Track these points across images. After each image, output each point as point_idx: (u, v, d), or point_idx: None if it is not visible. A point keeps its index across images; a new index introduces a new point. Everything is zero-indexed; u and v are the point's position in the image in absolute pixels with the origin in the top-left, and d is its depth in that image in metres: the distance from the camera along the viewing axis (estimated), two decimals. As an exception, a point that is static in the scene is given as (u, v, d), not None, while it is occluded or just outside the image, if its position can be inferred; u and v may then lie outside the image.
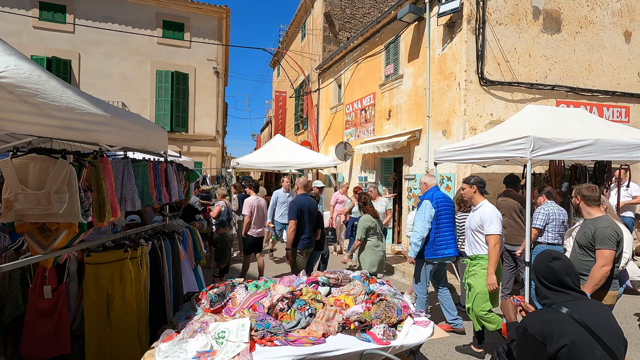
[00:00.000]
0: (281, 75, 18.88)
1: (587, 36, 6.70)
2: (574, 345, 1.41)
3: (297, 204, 4.38)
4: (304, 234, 4.35)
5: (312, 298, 2.53)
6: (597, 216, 2.86)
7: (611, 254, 2.67)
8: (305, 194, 4.64)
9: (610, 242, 2.68)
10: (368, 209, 4.37)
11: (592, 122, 4.94)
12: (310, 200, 4.54)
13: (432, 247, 3.72)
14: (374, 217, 4.38)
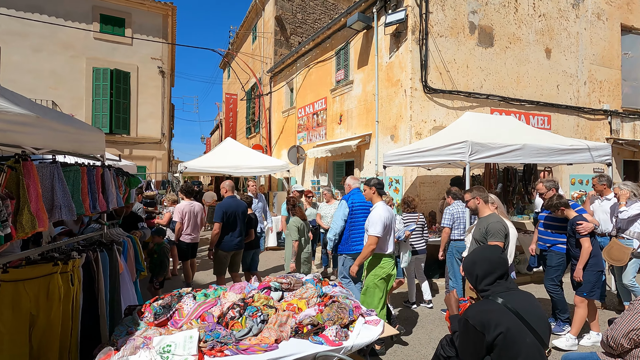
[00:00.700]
0: (232, 77, 18.46)
1: (515, 51, 7.40)
2: (508, 333, 1.53)
3: (223, 207, 4.46)
4: (231, 236, 4.45)
5: (265, 304, 2.48)
6: (488, 214, 3.29)
7: (500, 245, 3.07)
8: (233, 196, 4.71)
9: (499, 235, 3.12)
10: (297, 211, 4.53)
11: (520, 129, 5.46)
12: (238, 203, 4.62)
13: (348, 243, 4.00)
14: (302, 220, 4.55)
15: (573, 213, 3.67)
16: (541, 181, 4.39)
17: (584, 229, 3.49)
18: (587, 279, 3.49)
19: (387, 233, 3.36)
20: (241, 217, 4.54)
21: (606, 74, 8.52)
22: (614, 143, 8.22)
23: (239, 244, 4.54)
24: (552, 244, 3.93)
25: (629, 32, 8.91)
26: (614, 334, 1.96)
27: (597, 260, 3.53)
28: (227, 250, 4.46)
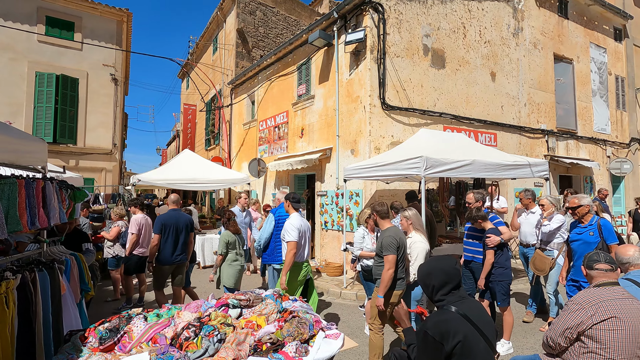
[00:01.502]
0: (191, 88, 18.00)
1: (464, 73, 7.96)
2: (465, 340, 1.59)
3: (161, 219, 4.52)
4: (171, 249, 4.48)
5: (222, 322, 2.39)
6: (386, 227, 3.40)
7: (393, 258, 3.15)
8: (176, 209, 4.75)
9: (391, 248, 3.16)
10: (230, 225, 4.61)
11: (470, 145, 5.83)
12: (180, 216, 4.65)
13: (274, 254, 4.26)
14: (234, 233, 4.59)
15: (489, 225, 3.91)
16: (472, 191, 4.63)
17: (491, 242, 3.75)
18: (497, 289, 3.78)
19: (302, 240, 3.75)
20: (182, 230, 4.56)
21: (543, 97, 9.41)
22: (550, 159, 9.03)
23: (180, 258, 4.55)
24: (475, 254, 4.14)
25: (560, 60, 9.95)
26: (552, 334, 2.12)
27: (505, 272, 3.78)
28: (165, 264, 4.47)
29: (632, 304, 1.98)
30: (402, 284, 3.28)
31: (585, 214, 3.74)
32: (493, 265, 3.78)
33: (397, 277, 3.21)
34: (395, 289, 3.24)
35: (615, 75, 11.37)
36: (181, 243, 4.55)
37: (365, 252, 4.27)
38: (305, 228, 3.84)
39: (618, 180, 11.27)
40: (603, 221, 3.67)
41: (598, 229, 3.63)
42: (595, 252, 2.30)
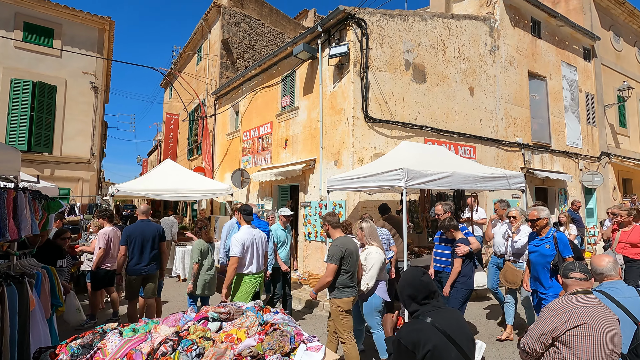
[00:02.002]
0: (174, 97, 17.82)
1: (444, 88, 8.20)
2: (435, 349, 1.63)
3: (128, 231, 4.58)
4: (138, 260, 4.53)
5: (201, 336, 2.34)
6: (337, 237, 3.53)
7: (333, 267, 3.30)
8: (146, 220, 4.79)
9: (334, 258, 3.30)
10: (202, 234, 4.70)
11: (450, 158, 5.98)
12: (147, 226, 4.68)
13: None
14: (207, 242, 4.69)
15: (460, 235, 4.03)
16: (440, 203, 4.70)
17: (461, 251, 3.88)
18: (455, 295, 3.88)
19: (248, 253, 3.85)
20: (151, 241, 4.59)
21: (519, 112, 9.78)
22: (527, 172, 9.33)
23: (147, 269, 4.59)
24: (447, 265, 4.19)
25: (534, 77, 10.40)
26: (528, 340, 2.17)
27: (467, 280, 3.91)
28: (134, 274, 4.52)
29: (603, 311, 2.06)
30: (350, 291, 3.38)
31: (543, 226, 3.76)
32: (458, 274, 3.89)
33: (344, 285, 3.35)
34: (340, 296, 3.37)
35: (586, 92, 11.96)
36: (148, 253, 4.57)
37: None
38: (257, 241, 3.94)
39: (590, 192, 11.74)
40: (559, 234, 3.71)
41: (554, 242, 3.64)
42: (571, 261, 2.37)
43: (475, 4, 10.09)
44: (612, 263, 2.47)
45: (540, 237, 3.78)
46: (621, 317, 2.25)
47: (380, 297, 3.58)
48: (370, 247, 3.66)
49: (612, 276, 2.45)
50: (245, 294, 3.85)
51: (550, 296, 3.57)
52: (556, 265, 3.55)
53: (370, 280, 3.50)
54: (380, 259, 3.56)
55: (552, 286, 3.63)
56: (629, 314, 2.27)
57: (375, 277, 3.52)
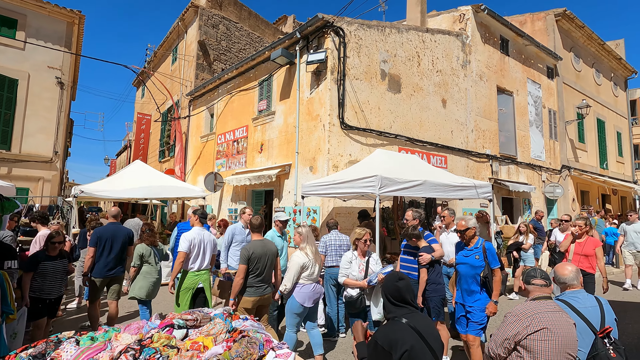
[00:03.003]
0: (146, 97, 17.29)
1: (418, 99, 8.44)
2: (412, 350, 1.65)
3: (98, 233, 4.59)
4: (105, 262, 4.52)
5: (165, 344, 2.24)
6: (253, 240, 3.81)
7: (242, 268, 3.54)
8: (115, 222, 4.83)
9: (242, 259, 3.57)
10: (145, 237, 4.67)
11: (422, 166, 6.13)
12: (117, 229, 4.71)
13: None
14: (150, 245, 4.67)
15: (423, 243, 4.03)
16: (411, 209, 4.68)
17: (423, 260, 3.86)
18: (430, 304, 3.87)
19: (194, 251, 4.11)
20: (120, 244, 4.63)
21: (487, 125, 10.20)
22: (494, 182, 9.72)
23: (114, 271, 4.60)
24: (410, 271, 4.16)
25: (502, 92, 10.91)
26: (492, 345, 2.23)
27: (437, 287, 3.89)
28: (99, 277, 4.50)
29: (562, 316, 2.15)
30: (253, 292, 3.59)
31: (472, 236, 3.67)
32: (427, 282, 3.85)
33: (249, 285, 3.59)
34: (246, 295, 3.58)
35: (549, 108, 12.66)
36: (117, 256, 4.60)
37: (350, 280, 3.72)
38: (204, 241, 4.22)
39: (552, 203, 12.38)
40: (487, 244, 3.60)
41: (483, 252, 3.55)
42: (532, 268, 2.46)
43: (448, 20, 10.49)
44: (574, 272, 2.54)
45: (469, 247, 3.68)
46: (581, 327, 2.32)
47: (297, 301, 3.62)
48: (297, 251, 3.75)
49: (574, 285, 2.53)
50: (185, 290, 4.08)
51: (477, 309, 3.49)
52: (486, 277, 3.49)
53: (287, 282, 3.62)
54: (299, 262, 3.62)
55: (480, 299, 3.52)
56: (589, 323, 2.34)
57: (292, 279, 3.61)
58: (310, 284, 3.70)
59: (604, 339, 2.29)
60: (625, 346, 2.78)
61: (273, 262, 3.79)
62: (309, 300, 3.66)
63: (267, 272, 3.70)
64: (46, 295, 3.89)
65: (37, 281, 3.85)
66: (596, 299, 2.51)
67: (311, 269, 3.68)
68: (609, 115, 16.25)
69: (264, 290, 3.68)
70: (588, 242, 4.89)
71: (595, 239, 4.99)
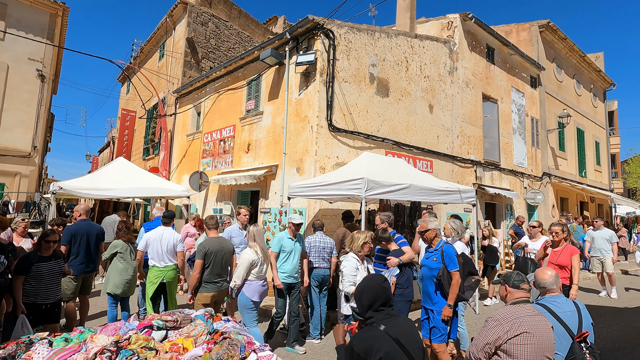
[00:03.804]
0: (132, 93, 16.95)
1: (406, 103, 8.52)
2: (387, 356, 1.64)
3: (71, 230, 4.65)
4: (79, 259, 4.58)
5: (143, 346, 2.18)
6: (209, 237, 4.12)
7: (199, 263, 3.82)
8: (87, 219, 4.94)
9: (198, 254, 3.84)
10: (121, 234, 4.78)
11: (408, 170, 6.18)
12: (90, 226, 4.82)
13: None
14: (127, 242, 4.74)
15: (394, 246, 4.06)
16: (378, 214, 4.70)
17: (390, 264, 3.88)
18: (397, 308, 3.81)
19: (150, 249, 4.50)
20: (94, 240, 4.74)
21: (472, 131, 10.38)
22: (478, 188, 9.89)
23: (91, 267, 4.73)
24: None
25: (487, 100, 11.13)
26: (473, 350, 2.26)
27: (404, 292, 3.89)
28: (76, 274, 4.53)
29: (540, 320, 2.19)
30: (210, 288, 3.82)
31: (432, 238, 3.65)
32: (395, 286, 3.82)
33: (205, 281, 3.81)
34: (205, 291, 3.80)
35: (531, 116, 12.99)
36: (92, 253, 4.71)
37: None
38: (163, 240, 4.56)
39: (533, 209, 12.68)
40: (446, 247, 3.54)
41: (441, 254, 3.50)
42: (515, 272, 2.46)
43: (437, 27, 10.65)
44: (554, 277, 2.58)
45: (431, 249, 3.66)
46: (559, 331, 2.36)
47: (246, 296, 3.80)
48: (247, 249, 3.94)
49: (553, 290, 2.58)
50: (150, 283, 4.53)
51: (437, 313, 3.42)
52: (439, 280, 3.44)
53: (236, 279, 3.78)
54: (248, 260, 3.79)
55: (438, 302, 3.46)
56: (567, 327, 2.39)
57: (241, 276, 3.78)
58: (258, 280, 3.91)
59: (581, 343, 2.34)
60: (600, 349, 2.86)
61: (229, 258, 4.07)
62: (258, 295, 3.87)
63: (223, 268, 3.98)
64: (42, 301, 3.60)
65: (31, 285, 3.56)
66: (574, 304, 2.56)
67: (260, 266, 3.89)
68: (588, 125, 16.79)
69: (222, 285, 3.94)
70: (565, 250, 4.42)
71: (572, 247, 4.51)
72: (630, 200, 16.91)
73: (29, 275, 3.54)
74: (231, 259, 4.14)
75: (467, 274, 3.66)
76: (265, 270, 3.99)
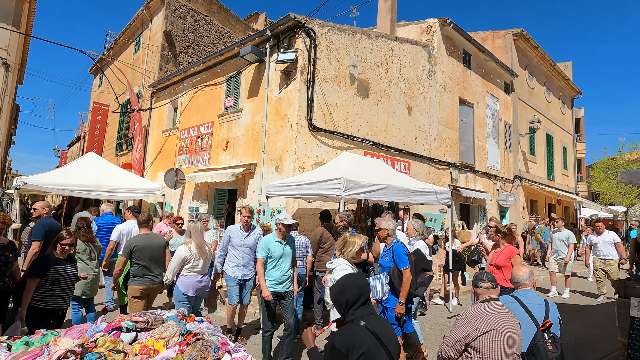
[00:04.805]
0: (104, 86, 16.32)
1: (385, 104, 8.63)
2: (368, 352, 1.66)
3: (45, 225, 4.67)
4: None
5: (111, 349, 2.10)
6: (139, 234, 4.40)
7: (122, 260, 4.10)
8: (49, 216, 5.00)
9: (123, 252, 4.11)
10: (82, 233, 4.65)
11: (387, 171, 6.26)
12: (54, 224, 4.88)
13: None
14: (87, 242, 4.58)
15: None
16: (338, 214, 4.72)
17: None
18: None
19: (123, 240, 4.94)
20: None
21: (449, 134, 10.64)
22: (453, 189, 10.15)
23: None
24: None
25: (463, 104, 11.44)
26: (444, 347, 2.31)
27: None
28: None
29: (508, 317, 2.27)
30: (139, 281, 4.04)
31: (385, 237, 3.70)
32: None
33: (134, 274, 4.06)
34: (134, 284, 4.04)
35: (505, 121, 13.46)
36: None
37: None
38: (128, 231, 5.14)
39: (504, 210, 13.14)
40: (396, 246, 3.57)
41: (392, 253, 3.56)
42: (480, 272, 2.58)
43: (417, 31, 10.84)
44: (528, 274, 2.81)
45: (386, 248, 3.71)
46: (526, 320, 2.52)
47: (179, 290, 3.95)
48: (182, 245, 4.08)
49: (526, 285, 2.79)
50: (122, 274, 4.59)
51: (391, 310, 3.48)
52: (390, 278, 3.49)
53: (168, 274, 3.96)
54: (180, 256, 3.94)
55: (391, 299, 3.48)
56: (533, 318, 2.55)
57: (172, 271, 3.94)
58: (194, 275, 4.01)
59: (544, 333, 2.46)
60: (564, 344, 2.99)
61: (158, 253, 4.23)
62: (192, 289, 3.98)
63: (151, 263, 4.12)
64: (59, 306, 3.36)
65: (48, 288, 3.29)
66: (545, 300, 2.71)
67: (194, 262, 3.99)
68: (557, 131, 17.57)
69: (152, 279, 4.11)
70: (504, 251, 4.41)
71: (511, 247, 4.43)
72: (594, 203, 17.83)
73: (46, 279, 3.28)
74: (163, 253, 4.31)
75: (421, 271, 3.73)
76: (203, 266, 4.08)
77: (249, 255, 4.56)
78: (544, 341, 2.39)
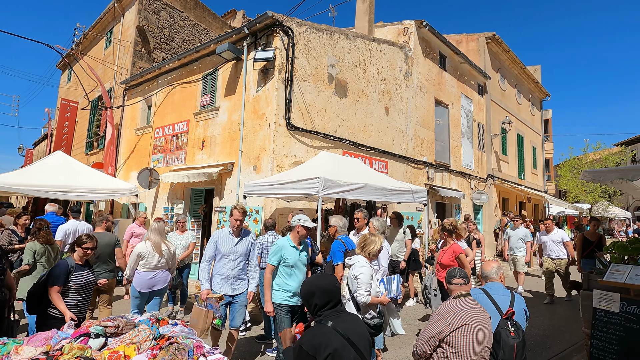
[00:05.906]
0: (73, 82, 15.63)
1: (363, 104, 8.70)
2: (335, 352, 1.66)
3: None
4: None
5: (78, 356, 2.01)
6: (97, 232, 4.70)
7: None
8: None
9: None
10: (40, 235, 4.57)
11: (364, 170, 6.32)
12: None
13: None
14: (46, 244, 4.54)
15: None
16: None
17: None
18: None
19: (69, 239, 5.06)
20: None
21: (425, 134, 10.86)
22: (430, 188, 10.37)
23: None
24: None
25: (439, 104, 11.71)
26: (419, 344, 2.36)
27: None
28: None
29: (479, 312, 2.35)
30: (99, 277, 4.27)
31: (333, 234, 3.94)
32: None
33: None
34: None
35: (478, 122, 13.88)
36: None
37: (376, 298, 3.08)
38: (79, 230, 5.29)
39: (478, 208, 13.56)
40: (334, 242, 3.69)
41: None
42: (453, 268, 2.67)
43: (394, 32, 11.00)
44: (496, 268, 2.93)
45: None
46: (491, 309, 2.64)
47: (134, 286, 4.09)
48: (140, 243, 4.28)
49: (493, 278, 2.91)
50: None
51: None
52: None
53: (127, 270, 4.17)
54: (136, 252, 4.12)
55: None
56: (498, 307, 2.67)
57: (130, 266, 4.12)
58: (147, 272, 4.10)
59: (507, 320, 2.57)
60: (533, 337, 3.11)
61: (109, 251, 4.47)
62: (145, 286, 4.07)
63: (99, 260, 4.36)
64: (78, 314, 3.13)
65: (68, 297, 3.10)
66: (510, 292, 2.82)
67: (148, 258, 4.10)
68: (527, 132, 18.29)
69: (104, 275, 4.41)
70: (448, 250, 4.48)
71: (457, 246, 4.46)
72: (561, 201, 18.70)
73: (68, 286, 3.10)
74: (114, 251, 4.58)
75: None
76: (157, 263, 4.17)
77: (240, 265, 3.74)
78: (506, 328, 2.49)
